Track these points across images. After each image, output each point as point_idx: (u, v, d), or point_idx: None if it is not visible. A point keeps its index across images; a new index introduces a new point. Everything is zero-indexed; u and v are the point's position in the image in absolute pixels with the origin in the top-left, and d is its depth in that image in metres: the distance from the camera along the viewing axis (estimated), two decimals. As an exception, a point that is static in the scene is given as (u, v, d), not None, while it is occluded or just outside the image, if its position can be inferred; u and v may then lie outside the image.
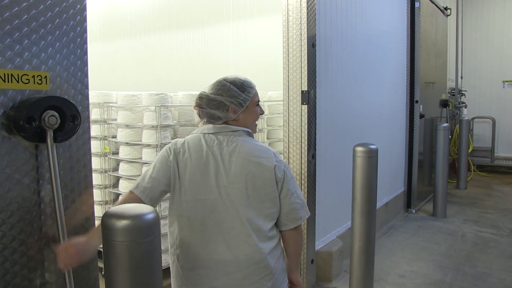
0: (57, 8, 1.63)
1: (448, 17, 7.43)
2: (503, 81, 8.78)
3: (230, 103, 1.88)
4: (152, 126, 3.37)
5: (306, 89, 3.20)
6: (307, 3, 3.20)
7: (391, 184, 5.26)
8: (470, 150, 7.98)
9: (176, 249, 1.87)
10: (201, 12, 5.08)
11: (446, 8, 7.26)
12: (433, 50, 6.52)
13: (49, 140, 1.57)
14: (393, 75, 5.24)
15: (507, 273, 3.91)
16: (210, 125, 1.90)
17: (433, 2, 6.49)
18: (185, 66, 5.24)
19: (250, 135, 1.94)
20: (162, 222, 2.91)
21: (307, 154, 3.27)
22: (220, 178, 1.82)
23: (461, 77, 8.55)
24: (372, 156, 2.90)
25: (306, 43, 3.21)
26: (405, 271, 3.91)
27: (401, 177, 5.62)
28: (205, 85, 1.96)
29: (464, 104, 7.89)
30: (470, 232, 5.00)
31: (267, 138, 4.43)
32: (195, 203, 1.81)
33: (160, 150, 1.95)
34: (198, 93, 1.95)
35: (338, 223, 3.94)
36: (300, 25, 3.22)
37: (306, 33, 3.20)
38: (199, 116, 1.94)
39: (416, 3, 5.68)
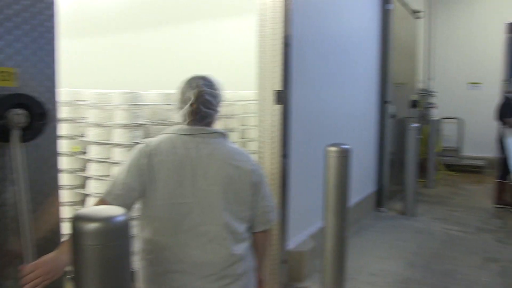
0: (25, 1, 1.58)
1: (420, 20, 7.57)
2: (469, 83, 9.01)
3: (220, 102, 1.89)
4: (124, 125, 3.31)
5: (280, 88, 3.20)
6: (283, 2, 3.20)
7: (362, 183, 5.32)
8: (438, 150, 8.15)
9: (148, 253, 1.82)
10: (174, 10, 5.01)
11: (417, 11, 7.39)
12: (404, 51, 6.62)
13: (14, 139, 1.51)
14: (365, 76, 5.31)
15: (472, 269, 4.02)
16: (186, 126, 1.86)
17: (405, 5, 6.59)
18: (158, 65, 5.17)
19: (226, 137, 1.92)
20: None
21: (280, 154, 3.27)
22: (197, 181, 1.78)
23: (431, 79, 8.71)
24: (345, 156, 2.92)
25: (281, 43, 3.20)
26: (376, 270, 3.96)
27: (372, 177, 5.69)
28: (176, 84, 1.92)
29: (433, 105, 8.05)
30: (438, 230, 5.11)
31: (241, 138, 4.42)
32: (170, 206, 1.77)
33: (131, 149, 1.89)
34: (193, 88, 1.86)
35: (311, 222, 3.96)
36: (275, 24, 3.22)
37: (281, 32, 3.20)
38: (191, 114, 1.86)
39: (388, 6, 5.77)
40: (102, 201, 1.75)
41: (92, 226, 1.15)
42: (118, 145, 3.38)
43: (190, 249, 1.77)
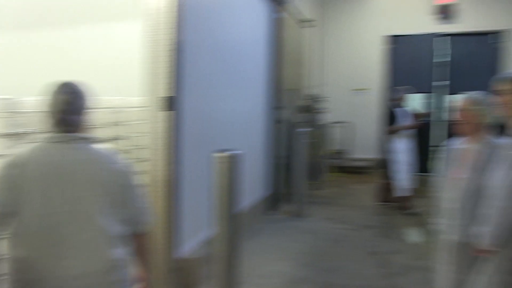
0: None
1: (311, 28, 7.93)
2: (356, 89, 9.65)
3: (85, 108, 1.84)
4: (3, 134, 3.08)
5: (170, 95, 3.19)
6: (175, 8, 3.19)
7: (255, 187, 5.45)
8: (328, 153, 8.59)
9: (20, 273, 1.73)
10: (57, 14, 4.76)
11: (308, 20, 7.74)
12: (294, 59, 6.90)
13: None
14: (257, 82, 5.46)
15: (355, 263, 4.32)
16: (52, 134, 1.80)
17: (295, 14, 6.87)
18: (41, 70, 4.87)
19: (92, 142, 1.87)
20: None
21: (171, 161, 3.25)
22: (66, 189, 1.73)
23: (321, 84, 9.17)
24: (233, 162, 2.98)
25: (172, 48, 3.19)
26: (266, 271, 4.08)
27: (265, 181, 5.86)
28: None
29: (323, 110, 8.46)
30: (326, 229, 5.40)
31: (132, 145, 4.32)
32: (39, 219, 1.70)
33: (3, 160, 1.78)
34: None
35: (203, 229, 3.97)
36: (166, 29, 3.19)
37: (172, 38, 3.19)
38: (54, 121, 1.81)
39: (278, 14, 5.98)
40: None
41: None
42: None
43: (67, 261, 1.71)
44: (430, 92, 9.34)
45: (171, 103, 3.19)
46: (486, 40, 9.19)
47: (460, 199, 2.54)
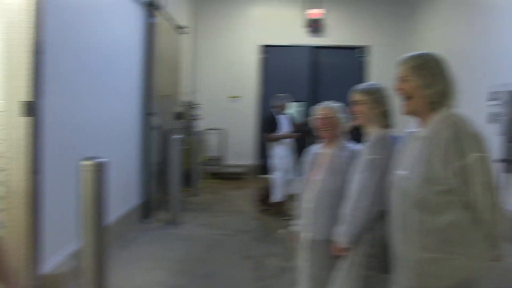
0: None
1: (184, 35, 7.91)
2: (231, 97, 9.83)
3: None
4: None
5: (29, 99, 2.95)
6: (33, 6, 2.96)
7: (126, 196, 5.27)
8: (203, 160, 8.62)
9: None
10: None
11: (183, 27, 7.71)
12: (168, 65, 6.83)
13: None
14: (129, 88, 5.28)
15: (230, 268, 4.37)
16: None
17: (170, 19, 6.80)
18: None
19: None
20: None
21: (30, 170, 3.01)
22: None
23: (196, 91, 9.19)
24: (100, 170, 2.85)
25: (31, 49, 2.96)
26: (140, 282, 3.95)
27: (137, 189, 5.68)
28: None
29: (198, 116, 8.47)
30: (202, 235, 5.40)
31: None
32: None
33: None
34: None
35: (71, 240, 3.73)
36: (25, 29, 2.96)
37: (31, 38, 2.96)
38: None
39: (151, 19, 5.87)
40: None
41: None
42: None
43: None
44: (303, 101, 9.83)
45: (30, 108, 2.95)
46: (352, 54, 9.99)
47: (314, 200, 2.75)
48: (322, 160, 2.82)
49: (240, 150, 9.70)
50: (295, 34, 9.81)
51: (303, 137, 5.95)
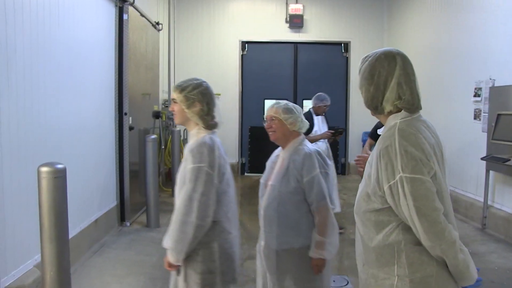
0: None
1: (160, 31, 7.69)
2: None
3: None
4: None
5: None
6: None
7: (101, 199, 5.06)
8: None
9: None
10: None
11: (157, 23, 7.49)
12: (144, 63, 6.61)
13: None
14: (99, 87, 5.05)
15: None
16: None
17: (143, 16, 6.58)
18: None
19: None
20: None
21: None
22: None
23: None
24: (59, 177, 2.65)
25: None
26: (113, 290, 3.78)
27: (112, 191, 5.47)
28: None
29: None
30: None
31: None
32: None
33: None
34: None
35: (35, 250, 3.53)
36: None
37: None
38: None
39: (124, 15, 5.64)
40: None
41: None
42: None
43: None
44: (284, 99, 9.69)
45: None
46: (334, 50, 9.87)
47: (264, 207, 2.60)
48: (275, 164, 2.66)
49: (226, 148, 9.50)
50: (276, 30, 9.67)
51: (334, 138, 5.53)
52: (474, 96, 6.04)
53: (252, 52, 9.78)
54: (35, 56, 3.55)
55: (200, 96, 2.27)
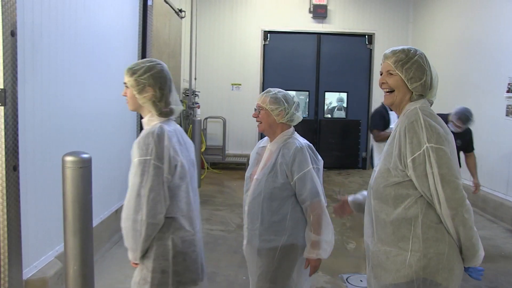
0: None
1: (183, 19, 7.55)
2: (232, 84, 9.48)
3: None
4: None
5: (2, 87, 2.62)
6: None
7: (121, 189, 4.95)
8: (203, 149, 8.32)
9: None
10: None
11: (180, 10, 7.36)
12: (166, 50, 6.49)
13: None
14: (122, 74, 4.92)
15: (232, 268, 4.07)
16: None
17: (167, 2, 6.45)
18: None
19: None
20: None
21: (6, 166, 2.69)
22: None
23: (195, 78, 8.84)
24: (84, 167, 2.53)
25: (1, 31, 2.62)
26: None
27: (132, 181, 5.35)
28: None
29: (197, 105, 8.17)
30: (202, 231, 5.08)
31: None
32: None
33: None
34: None
35: (57, 241, 3.43)
36: (-5, 8, 2.62)
37: (1, 18, 2.61)
38: None
39: (148, 1, 5.51)
40: None
41: None
42: None
43: None
44: (305, 90, 9.55)
45: (1, 97, 2.62)
46: (358, 41, 9.64)
47: (248, 202, 2.41)
48: (260, 157, 2.45)
49: (241, 140, 9.41)
50: (299, 20, 9.46)
51: None
52: (507, 92, 5.80)
53: (274, 42, 9.59)
54: (60, 42, 3.43)
55: (152, 80, 2.05)
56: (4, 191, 2.72)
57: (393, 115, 4.86)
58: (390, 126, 4.84)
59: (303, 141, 2.38)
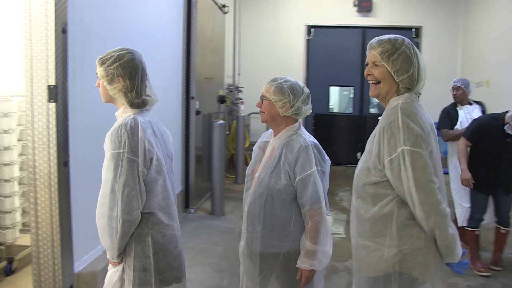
0: None
1: (226, 14, 7.53)
2: (275, 79, 9.39)
3: None
4: None
5: (54, 83, 2.65)
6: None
7: (169, 183, 4.99)
8: (247, 145, 8.29)
9: None
10: None
11: (224, 6, 7.34)
12: (210, 46, 6.48)
13: None
14: (167, 70, 4.96)
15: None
16: None
17: (212, -1, 6.45)
18: None
19: None
20: None
21: (58, 161, 2.73)
22: None
23: (238, 74, 8.83)
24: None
25: (54, 29, 2.65)
26: (180, 281, 3.67)
27: (177, 177, 5.39)
28: None
29: (241, 100, 8.13)
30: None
31: (19, 140, 3.72)
32: None
33: None
34: None
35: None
36: (46, 5, 2.65)
37: (54, 15, 2.65)
38: None
39: (193, -2, 5.52)
40: None
41: None
42: None
43: None
44: (350, 86, 9.36)
45: (54, 93, 2.65)
46: (405, 35, 9.26)
47: (248, 202, 2.22)
48: (264, 153, 2.26)
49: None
50: (343, 14, 9.25)
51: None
52: None
53: (317, 36, 9.43)
54: (106, 38, 3.46)
55: (121, 70, 1.97)
56: (56, 186, 2.77)
57: (464, 110, 4.56)
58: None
59: (309, 138, 2.18)
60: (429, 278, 1.83)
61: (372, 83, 1.89)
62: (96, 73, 2.02)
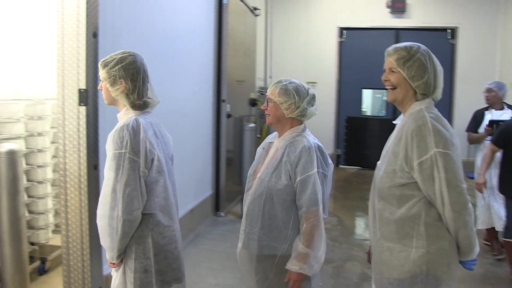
0: None
1: (257, 17, 7.52)
2: (307, 82, 9.32)
3: None
4: None
5: (84, 87, 2.68)
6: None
7: (197, 188, 5.00)
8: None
9: None
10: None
11: (255, 8, 7.33)
12: (241, 49, 6.48)
13: None
14: (198, 73, 4.97)
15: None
16: None
17: (242, 1, 6.44)
18: None
19: None
20: None
21: (88, 164, 2.75)
22: None
23: (270, 77, 8.79)
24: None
25: (85, 33, 2.68)
26: (209, 285, 3.66)
27: (208, 180, 5.39)
28: None
29: (272, 103, 8.07)
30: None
31: (53, 142, 3.78)
32: None
33: None
34: None
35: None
36: (78, 10, 2.68)
37: (85, 20, 2.68)
38: None
39: (223, 0, 5.52)
40: None
41: None
42: None
43: None
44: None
45: (84, 97, 2.68)
46: (440, 36, 9.10)
47: (248, 203, 2.18)
48: (267, 154, 2.23)
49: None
50: (376, 15, 9.09)
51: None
52: None
53: (350, 38, 9.31)
54: (137, 42, 3.49)
55: (123, 72, 2.00)
56: (86, 189, 2.79)
57: (488, 115, 4.51)
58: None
59: (313, 140, 2.17)
60: (451, 277, 1.89)
61: (390, 89, 1.98)
62: (99, 76, 2.06)
